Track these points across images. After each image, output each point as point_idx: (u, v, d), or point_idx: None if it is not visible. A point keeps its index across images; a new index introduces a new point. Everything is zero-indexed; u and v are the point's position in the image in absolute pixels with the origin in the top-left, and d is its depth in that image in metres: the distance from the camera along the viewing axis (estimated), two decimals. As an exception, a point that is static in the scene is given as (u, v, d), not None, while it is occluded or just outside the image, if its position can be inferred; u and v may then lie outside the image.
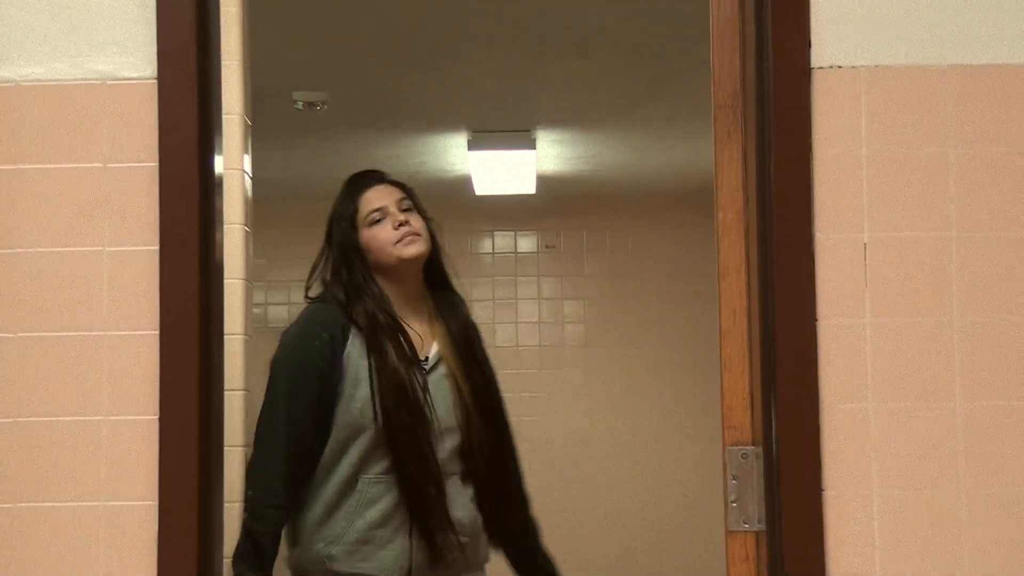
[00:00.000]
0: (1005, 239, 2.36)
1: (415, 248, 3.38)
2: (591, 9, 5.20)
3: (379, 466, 3.28)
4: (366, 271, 3.40)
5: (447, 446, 3.35)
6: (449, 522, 3.30)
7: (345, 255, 3.41)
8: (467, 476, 3.39)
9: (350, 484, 3.28)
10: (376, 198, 3.43)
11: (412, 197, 3.50)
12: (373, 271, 3.41)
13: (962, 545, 2.31)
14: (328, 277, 3.46)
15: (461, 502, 3.36)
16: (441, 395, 3.37)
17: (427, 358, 3.41)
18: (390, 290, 3.41)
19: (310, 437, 3.30)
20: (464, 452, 3.38)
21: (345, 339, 3.34)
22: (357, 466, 3.28)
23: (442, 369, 3.41)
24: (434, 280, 3.53)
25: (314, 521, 3.30)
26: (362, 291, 3.38)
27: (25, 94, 2.36)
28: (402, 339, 3.35)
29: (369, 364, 3.30)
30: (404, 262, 3.38)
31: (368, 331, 3.33)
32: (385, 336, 3.33)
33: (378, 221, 3.39)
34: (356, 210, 3.43)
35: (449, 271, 3.57)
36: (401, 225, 3.37)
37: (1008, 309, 2.35)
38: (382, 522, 3.27)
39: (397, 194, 3.46)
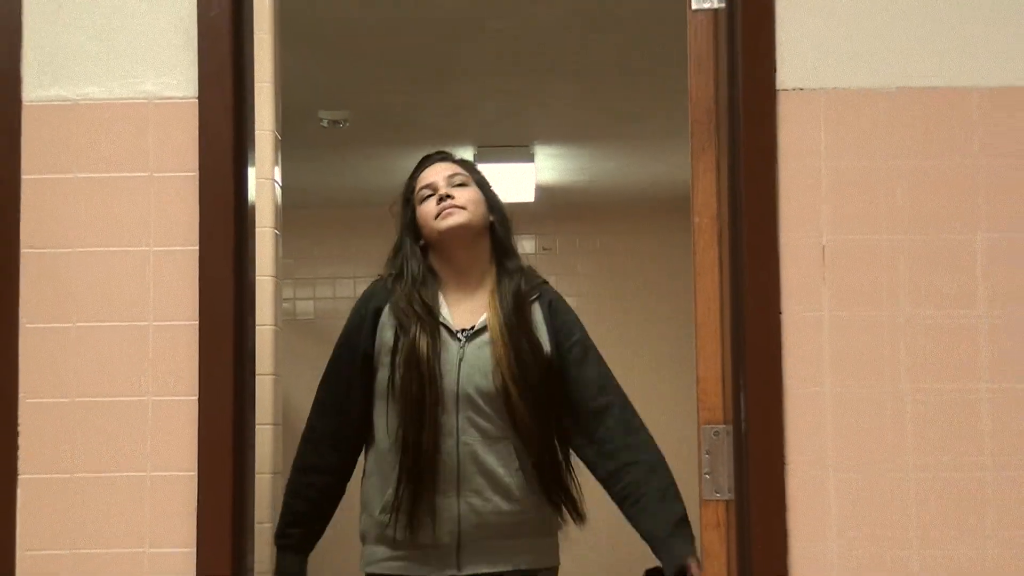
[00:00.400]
0: (947, 241, 2.36)
1: (450, 220, 3.03)
2: (584, 39, 5.21)
3: None
4: (415, 248, 3.11)
5: (488, 412, 2.97)
6: (435, 492, 2.94)
7: (400, 234, 3.16)
8: (517, 442, 2.99)
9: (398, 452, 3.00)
10: (428, 175, 3.14)
11: (470, 171, 3.18)
12: (428, 247, 3.12)
13: (909, 514, 2.31)
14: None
15: (507, 468, 2.98)
16: (479, 363, 2.99)
17: (472, 327, 3.03)
18: (444, 265, 3.11)
19: (342, 403, 3.06)
20: (510, 419, 2.98)
21: (379, 314, 3.06)
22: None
23: (484, 337, 3.02)
24: (497, 251, 3.14)
25: (376, 487, 3.03)
26: (404, 268, 3.08)
27: (82, 111, 2.36)
28: (432, 314, 3.01)
29: (395, 337, 3.00)
30: (442, 235, 3.05)
31: (398, 307, 3.02)
32: (413, 311, 3.00)
33: (427, 197, 3.09)
34: (413, 189, 3.16)
35: (511, 242, 3.17)
36: (443, 199, 3.05)
37: (949, 304, 2.35)
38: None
39: (450, 170, 3.14)
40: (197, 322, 2.34)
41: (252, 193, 2.50)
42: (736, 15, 2.40)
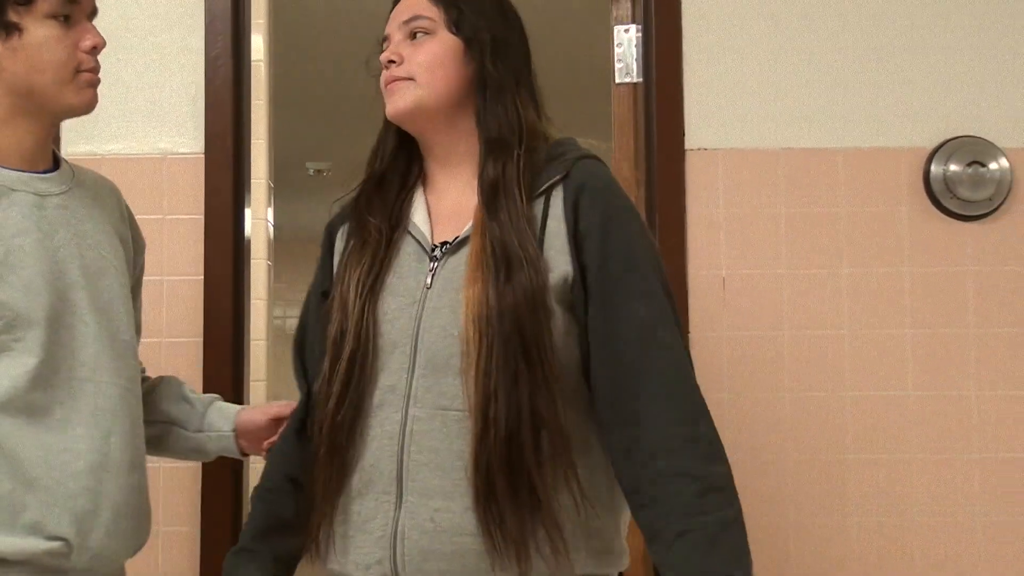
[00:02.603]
0: (819, 274, 2.39)
1: (391, 104, 1.62)
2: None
3: None
4: (390, 132, 1.69)
5: (458, 370, 1.48)
6: (348, 492, 1.53)
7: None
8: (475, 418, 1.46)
9: None
10: (392, 18, 1.67)
11: (446, 8, 1.61)
12: None
13: (786, 481, 2.35)
14: None
15: (441, 460, 1.48)
16: (450, 292, 1.52)
17: (455, 239, 1.56)
18: (427, 154, 1.66)
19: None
20: (473, 380, 1.46)
21: (336, 235, 1.72)
22: None
23: (463, 254, 1.54)
24: (484, 121, 1.61)
25: None
26: (376, 153, 1.70)
27: (106, 164, 2.34)
28: (391, 218, 1.61)
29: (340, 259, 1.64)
30: (394, 122, 1.64)
31: (352, 214, 1.67)
32: (368, 216, 1.63)
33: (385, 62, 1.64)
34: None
35: (512, 99, 1.60)
36: (389, 64, 1.61)
37: (821, 325, 2.38)
38: None
39: (408, 11, 1.63)
40: (201, 339, 2.34)
41: (248, 231, 2.49)
42: (651, 88, 2.44)
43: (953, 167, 2.41)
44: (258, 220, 3.63)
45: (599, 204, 1.53)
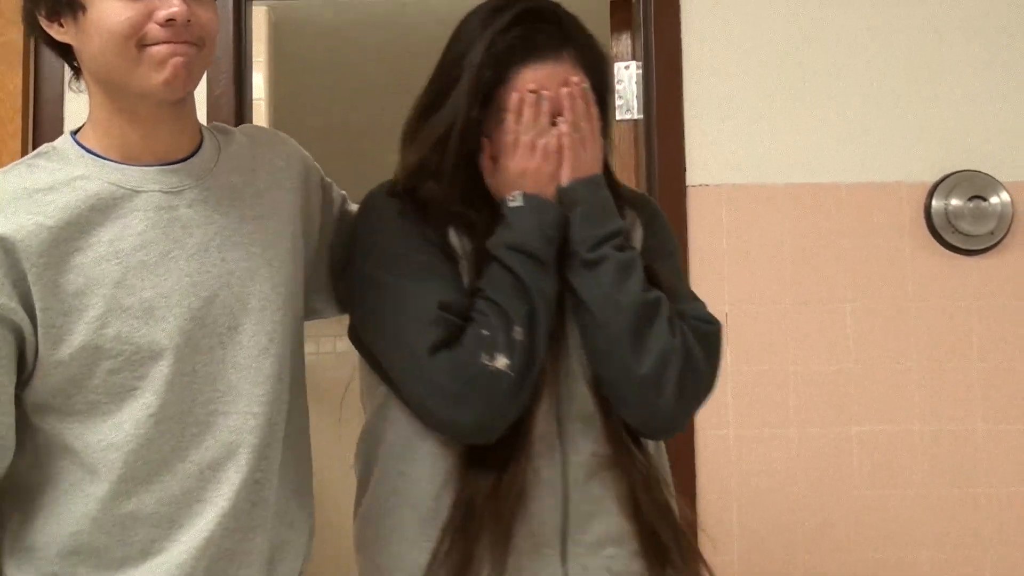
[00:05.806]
0: (825, 308, 2.38)
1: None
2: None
3: None
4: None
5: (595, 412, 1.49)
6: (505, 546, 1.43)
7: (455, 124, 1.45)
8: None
9: None
10: (539, 77, 1.42)
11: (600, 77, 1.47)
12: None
13: (793, 518, 2.33)
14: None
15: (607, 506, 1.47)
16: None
17: None
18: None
19: None
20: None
21: None
22: None
23: None
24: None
25: (398, 525, 1.51)
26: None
27: None
28: None
29: None
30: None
31: None
32: None
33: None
34: (499, 77, 1.43)
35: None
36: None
37: (827, 360, 2.37)
38: None
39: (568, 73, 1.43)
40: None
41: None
42: (652, 125, 2.43)
43: (954, 201, 2.39)
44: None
45: None
